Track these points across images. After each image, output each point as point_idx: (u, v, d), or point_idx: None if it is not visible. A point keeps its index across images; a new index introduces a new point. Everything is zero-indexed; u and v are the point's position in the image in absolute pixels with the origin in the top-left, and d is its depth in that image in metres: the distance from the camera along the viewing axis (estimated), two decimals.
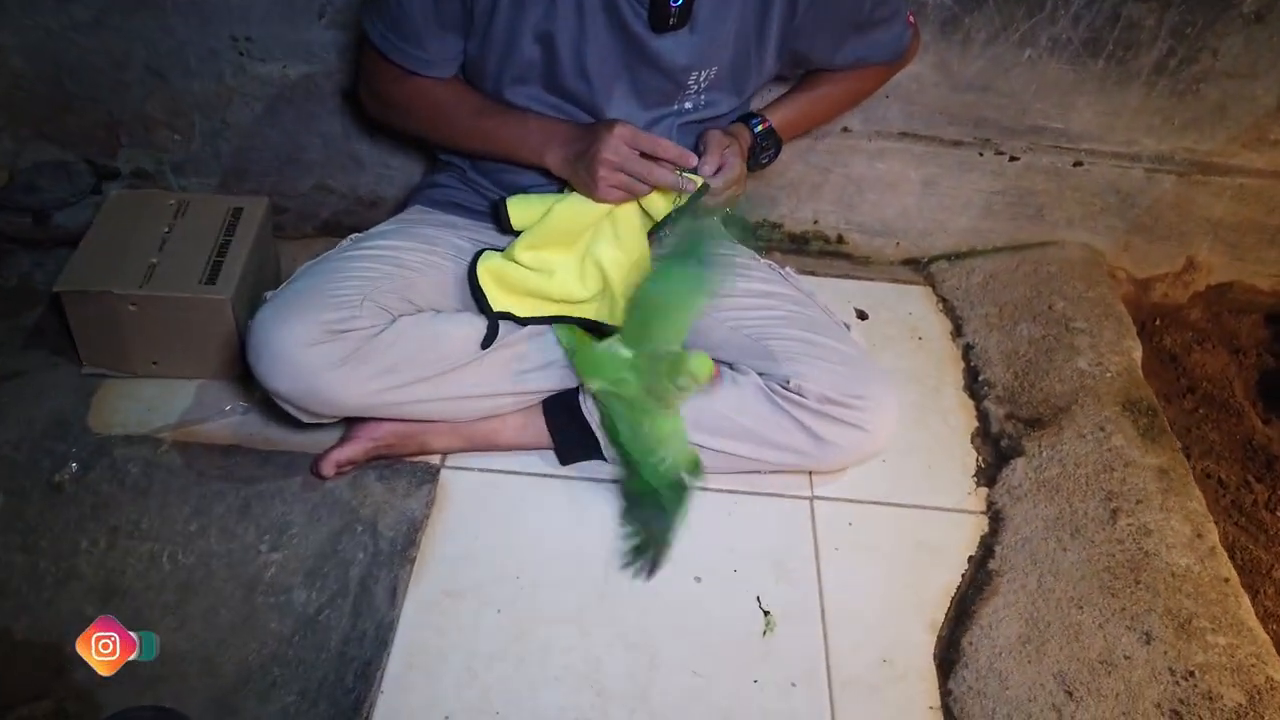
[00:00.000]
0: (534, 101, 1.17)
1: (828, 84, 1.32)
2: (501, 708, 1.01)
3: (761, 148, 1.27)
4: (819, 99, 1.32)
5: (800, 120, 1.33)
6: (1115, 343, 1.43)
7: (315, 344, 1.07)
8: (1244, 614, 1.10)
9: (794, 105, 1.31)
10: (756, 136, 1.26)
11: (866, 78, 1.33)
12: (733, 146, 1.18)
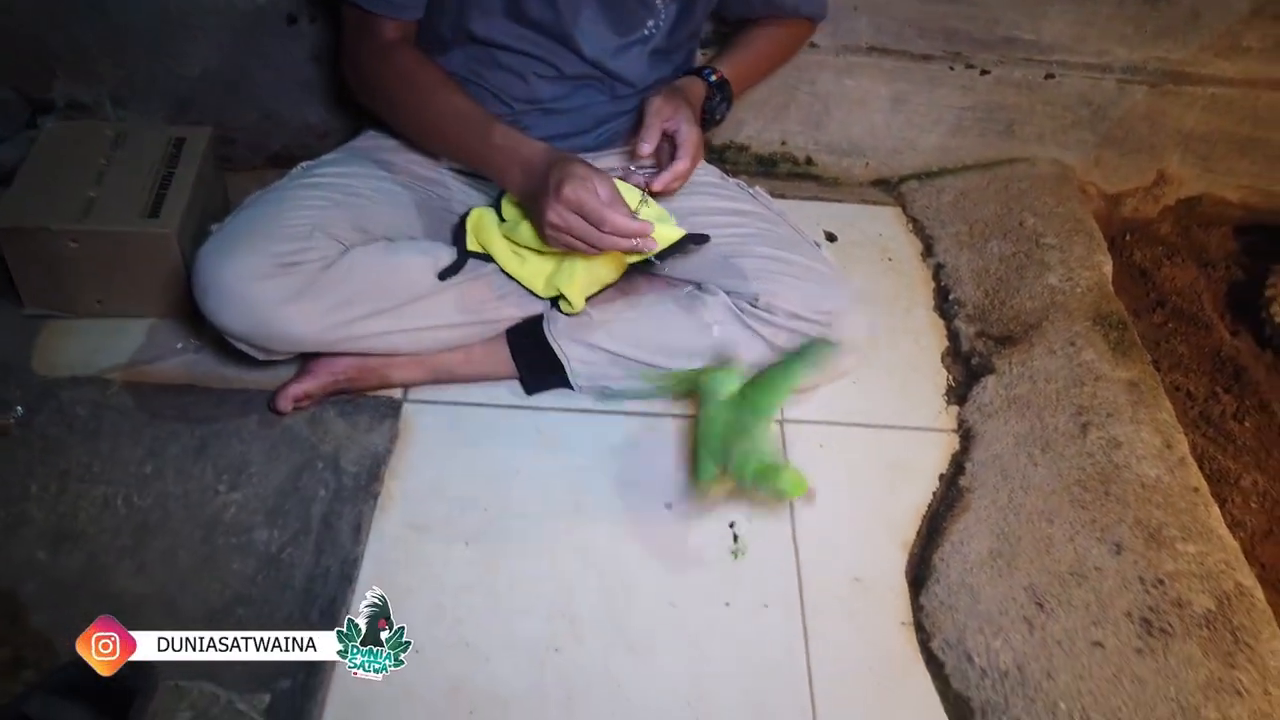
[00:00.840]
0: (501, 33, 1.12)
1: (759, 40, 1.29)
2: (472, 639, 1.00)
3: (716, 100, 1.22)
4: (755, 55, 1.29)
5: (745, 74, 1.29)
6: (1085, 258, 1.42)
7: (264, 278, 1.03)
8: (1213, 522, 1.10)
9: (736, 60, 1.27)
10: (712, 86, 1.21)
11: (785, 37, 1.32)
12: (679, 113, 1.11)
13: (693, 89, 1.20)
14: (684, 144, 1.11)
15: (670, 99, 1.13)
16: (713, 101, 1.22)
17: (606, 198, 0.98)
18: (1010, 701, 0.97)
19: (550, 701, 0.96)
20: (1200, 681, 0.96)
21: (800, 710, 0.97)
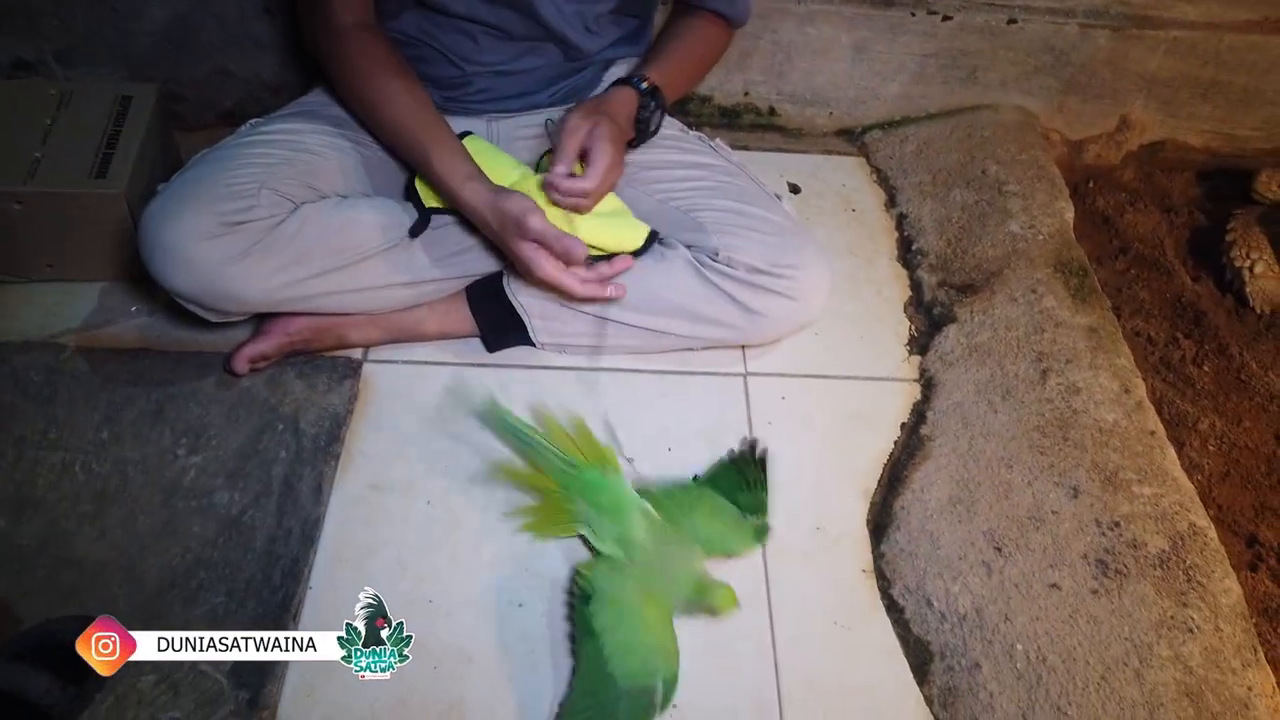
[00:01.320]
0: (461, 3, 1.09)
1: (688, 39, 1.24)
2: (435, 597, 1.00)
3: (650, 109, 1.17)
4: (685, 57, 1.24)
5: (676, 79, 1.22)
6: (1047, 205, 1.42)
7: (210, 237, 1.01)
8: (1169, 464, 1.11)
9: (666, 64, 1.21)
10: (643, 94, 1.16)
11: (712, 36, 1.27)
12: (596, 130, 1.08)
13: (622, 100, 1.15)
14: (594, 164, 1.07)
15: (589, 115, 1.09)
16: (646, 110, 1.16)
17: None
18: (969, 644, 0.98)
19: (514, 656, 0.96)
20: (1154, 620, 0.98)
21: (762, 657, 0.98)
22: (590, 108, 1.12)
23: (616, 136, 1.10)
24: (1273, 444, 1.30)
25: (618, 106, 1.14)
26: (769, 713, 0.95)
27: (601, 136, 1.08)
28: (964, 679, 0.96)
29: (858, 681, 0.97)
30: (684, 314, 1.18)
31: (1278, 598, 1.13)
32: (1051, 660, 0.96)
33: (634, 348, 1.22)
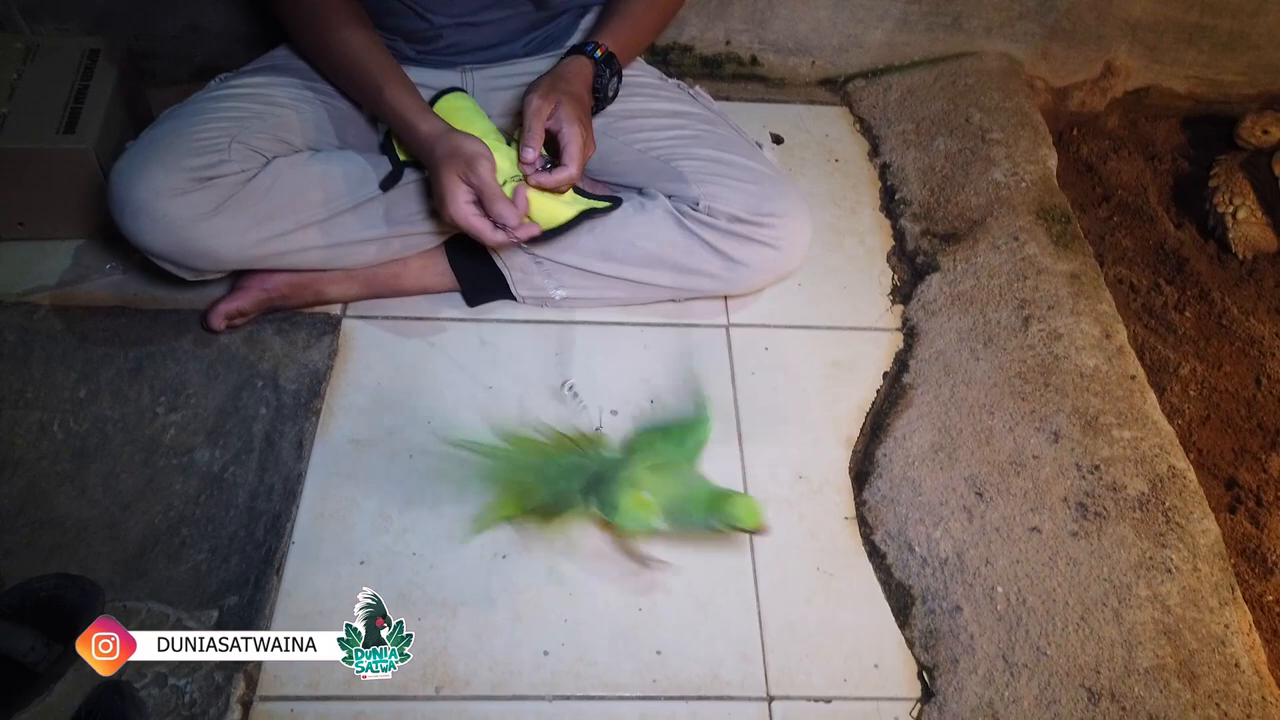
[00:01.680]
0: None
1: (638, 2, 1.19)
2: (419, 549, 1.00)
3: (606, 77, 1.13)
4: (637, 20, 1.18)
5: (630, 42, 1.18)
6: (1031, 152, 1.41)
7: (181, 193, 0.99)
8: (1149, 408, 1.12)
9: (618, 28, 1.16)
10: (599, 63, 1.12)
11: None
12: (560, 110, 1.05)
13: (578, 71, 1.11)
14: (568, 148, 1.04)
15: (550, 95, 1.06)
16: (602, 79, 1.13)
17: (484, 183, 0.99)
18: (949, 587, 0.99)
19: (498, 606, 0.97)
20: (1133, 561, 0.99)
21: (746, 605, 0.99)
22: (548, 86, 1.07)
23: (581, 114, 1.07)
24: (1253, 388, 1.30)
25: (575, 80, 1.10)
26: (753, 658, 0.95)
27: (567, 119, 1.04)
28: (945, 621, 0.97)
29: (840, 626, 0.98)
30: (665, 265, 1.17)
31: (1256, 539, 1.14)
32: (1031, 602, 0.96)
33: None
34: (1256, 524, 1.16)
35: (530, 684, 0.92)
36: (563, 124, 1.04)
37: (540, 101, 1.05)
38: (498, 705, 0.90)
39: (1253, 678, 0.92)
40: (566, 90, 1.07)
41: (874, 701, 0.93)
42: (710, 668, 0.94)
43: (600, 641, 0.95)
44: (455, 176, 0.99)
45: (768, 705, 0.92)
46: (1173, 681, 0.91)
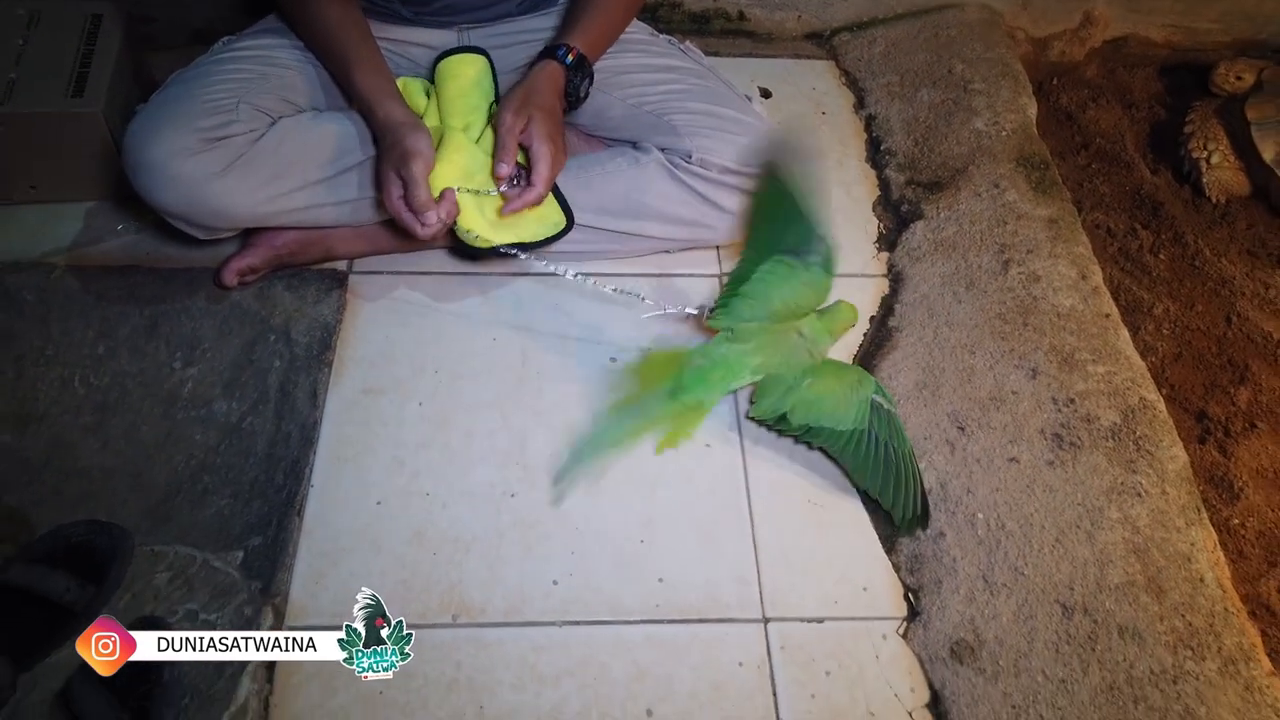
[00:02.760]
0: None
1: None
2: (432, 489, 1.05)
3: (577, 80, 1.16)
4: (606, 13, 1.20)
5: (599, 39, 1.20)
6: (1011, 101, 1.45)
7: (193, 153, 1.03)
8: (1122, 344, 1.17)
9: (588, 26, 1.18)
10: (570, 68, 1.15)
11: None
12: (532, 125, 1.09)
13: (549, 80, 1.14)
14: (536, 166, 1.08)
15: (521, 111, 1.09)
16: (574, 83, 1.16)
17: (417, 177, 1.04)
18: (934, 515, 1.05)
19: (508, 541, 1.02)
20: (1105, 487, 1.05)
21: (742, 533, 1.05)
22: (520, 101, 1.10)
23: (552, 129, 1.10)
24: (1223, 326, 1.36)
25: (546, 91, 1.13)
26: (749, 583, 1.01)
27: (538, 136, 1.08)
28: (929, 547, 1.03)
29: (831, 552, 1.04)
30: (659, 217, 1.22)
31: (1224, 467, 1.21)
32: (1010, 526, 1.03)
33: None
34: (1224, 453, 1.22)
35: (541, 611, 0.98)
36: (533, 142, 1.09)
37: (512, 119, 1.09)
38: (512, 630, 0.96)
39: (1216, 591, 0.98)
40: (538, 105, 1.10)
41: (863, 621, 1.00)
42: (709, 592, 1.00)
43: (606, 570, 1.01)
44: (390, 170, 1.05)
45: (764, 626, 0.99)
46: (1141, 595, 0.97)
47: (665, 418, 1.09)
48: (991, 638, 0.96)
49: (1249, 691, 0.92)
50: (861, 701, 0.94)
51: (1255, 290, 1.40)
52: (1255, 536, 1.15)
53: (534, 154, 1.09)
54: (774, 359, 1.09)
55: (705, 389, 1.09)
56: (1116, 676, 0.93)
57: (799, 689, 0.95)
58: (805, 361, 1.10)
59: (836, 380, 1.08)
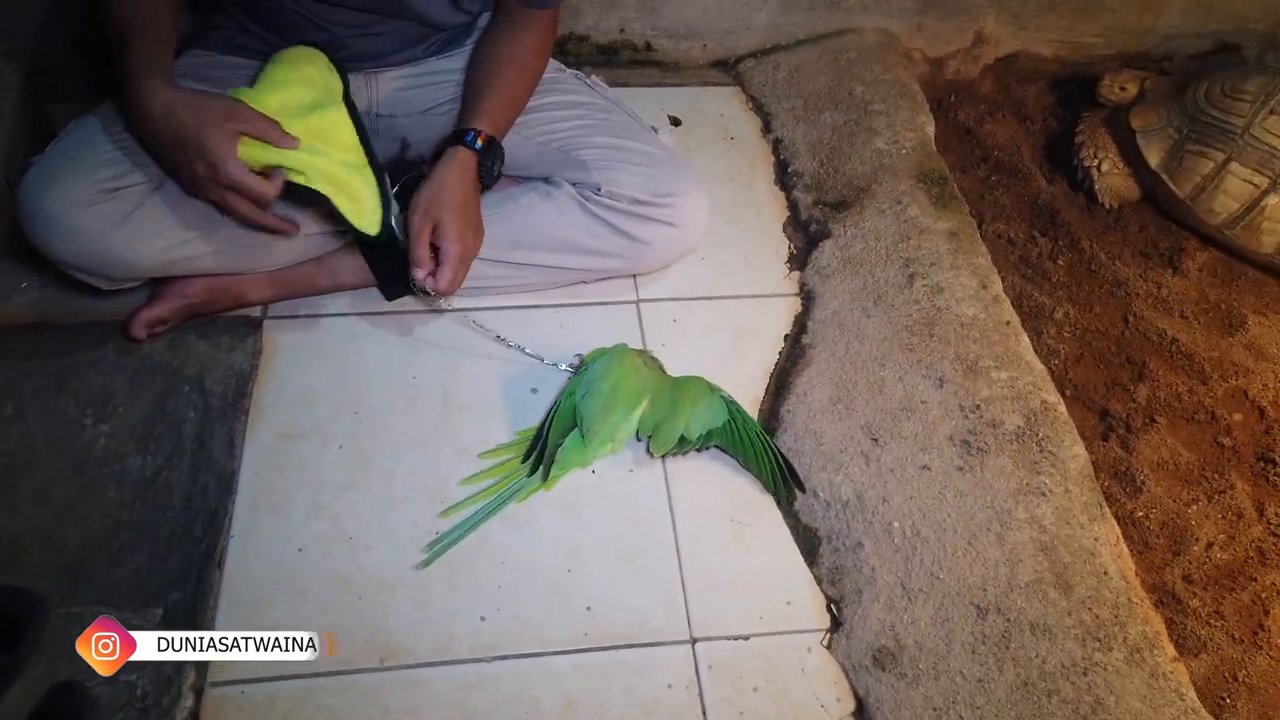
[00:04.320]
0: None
1: (504, 66, 1.20)
2: (354, 533, 1.05)
3: (489, 164, 1.16)
4: (511, 86, 1.21)
5: (507, 112, 1.20)
6: (910, 120, 1.50)
7: (90, 204, 1.02)
8: (1023, 350, 1.22)
9: (494, 103, 1.18)
10: (480, 153, 1.15)
11: (528, 38, 1.21)
12: (441, 229, 1.10)
13: (458, 172, 1.14)
14: (443, 269, 1.11)
15: (428, 215, 1.10)
16: (485, 165, 1.16)
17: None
18: (851, 526, 1.08)
19: (434, 579, 1.02)
20: (1012, 488, 1.09)
21: (666, 556, 1.06)
22: (427, 203, 1.11)
23: (461, 227, 1.11)
24: (1121, 325, 1.42)
25: (455, 184, 1.13)
26: (676, 605, 1.03)
27: (446, 239, 1.10)
28: (849, 557, 1.06)
29: (755, 569, 1.06)
30: (574, 249, 1.24)
31: (1127, 462, 1.26)
32: (925, 533, 1.06)
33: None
34: (1127, 448, 1.27)
35: (470, 648, 0.98)
36: (442, 243, 1.11)
37: (420, 223, 1.11)
38: (441, 670, 0.96)
39: (1120, 583, 1.02)
40: (446, 204, 1.11)
41: (788, 635, 1.02)
42: (638, 617, 1.01)
43: (534, 603, 1.01)
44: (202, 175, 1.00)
45: (691, 647, 1.00)
46: (1050, 592, 1.01)
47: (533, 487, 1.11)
48: (911, 643, 0.99)
49: (1154, 678, 0.96)
50: (789, 715, 0.96)
51: (1149, 290, 1.47)
52: (1159, 527, 1.20)
53: (442, 254, 1.11)
54: (641, 403, 1.14)
55: (578, 458, 1.13)
56: (1030, 672, 0.96)
57: (728, 707, 0.96)
58: (663, 382, 1.16)
59: (694, 386, 1.15)
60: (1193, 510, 1.22)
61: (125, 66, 1.02)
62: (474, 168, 1.15)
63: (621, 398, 1.12)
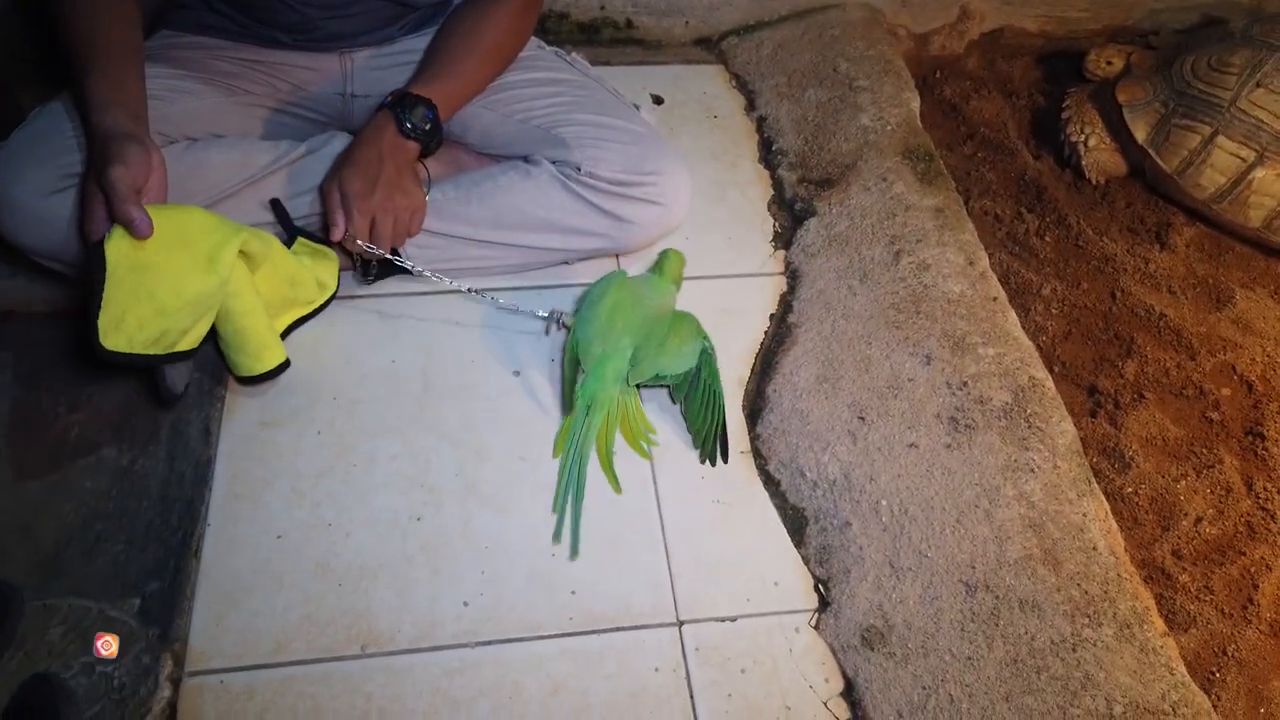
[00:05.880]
0: None
1: (457, 31, 1.18)
2: (334, 519, 1.03)
3: (403, 113, 1.11)
4: (453, 48, 1.18)
5: (450, 74, 1.16)
6: (894, 96, 1.48)
7: (56, 191, 1.00)
8: (1010, 326, 1.21)
9: (433, 65, 1.16)
10: (390, 108, 1.12)
11: (489, 12, 1.19)
12: (340, 186, 1.09)
13: (372, 128, 1.12)
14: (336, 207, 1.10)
15: (331, 176, 1.11)
16: (401, 117, 1.12)
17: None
18: (839, 505, 1.07)
19: (416, 565, 1.01)
20: (1000, 465, 1.08)
21: (652, 539, 1.05)
22: (333, 168, 1.12)
23: (360, 185, 1.09)
24: (1109, 302, 1.41)
25: (362, 142, 1.12)
26: (662, 589, 1.02)
27: (345, 194, 1.10)
28: (836, 537, 1.05)
29: (741, 551, 1.05)
30: (556, 228, 1.22)
31: (1115, 438, 1.25)
32: (912, 511, 1.05)
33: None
34: (1115, 425, 1.27)
35: (453, 634, 0.96)
36: (339, 194, 1.10)
37: (326, 186, 1.12)
38: (423, 656, 0.95)
39: (1109, 559, 1.01)
40: (348, 160, 1.11)
41: (776, 616, 1.01)
42: (623, 600, 1.00)
43: (517, 588, 1.00)
44: (91, 183, 0.93)
45: (678, 629, 0.99)
46: (1039, 569, 1.00)
47: (596, 431, 1.11)
48: (900, 622, 0.98)
49: (1144, 653, 0.95)
50: (778, 696, 0.95)
51: (1136, 266, 1.45)
52: (1148, 503, 1.20)
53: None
54: (643, 330, 1.15)
55: (601, 385, 1.12)
56: (1019, 649, 0.95)
57: (716, 689, 0.95)
58: (666, 314, 1.18)
59: (687, 326, 1.17)
60: (1181, 486, 1.21)
61: (85, 89, 0.98)
62: (390, 126, 1.11)
63: (617, 323, 1.14)
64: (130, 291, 0.93)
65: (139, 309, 0.94)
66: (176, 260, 0.95)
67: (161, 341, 0.97)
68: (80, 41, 1.01)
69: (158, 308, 0.94)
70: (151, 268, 0.94)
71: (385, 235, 1.12)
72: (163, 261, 0.94)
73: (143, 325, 0.94)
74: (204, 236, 0.97)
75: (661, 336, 1.15)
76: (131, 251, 0.93)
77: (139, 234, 0.91)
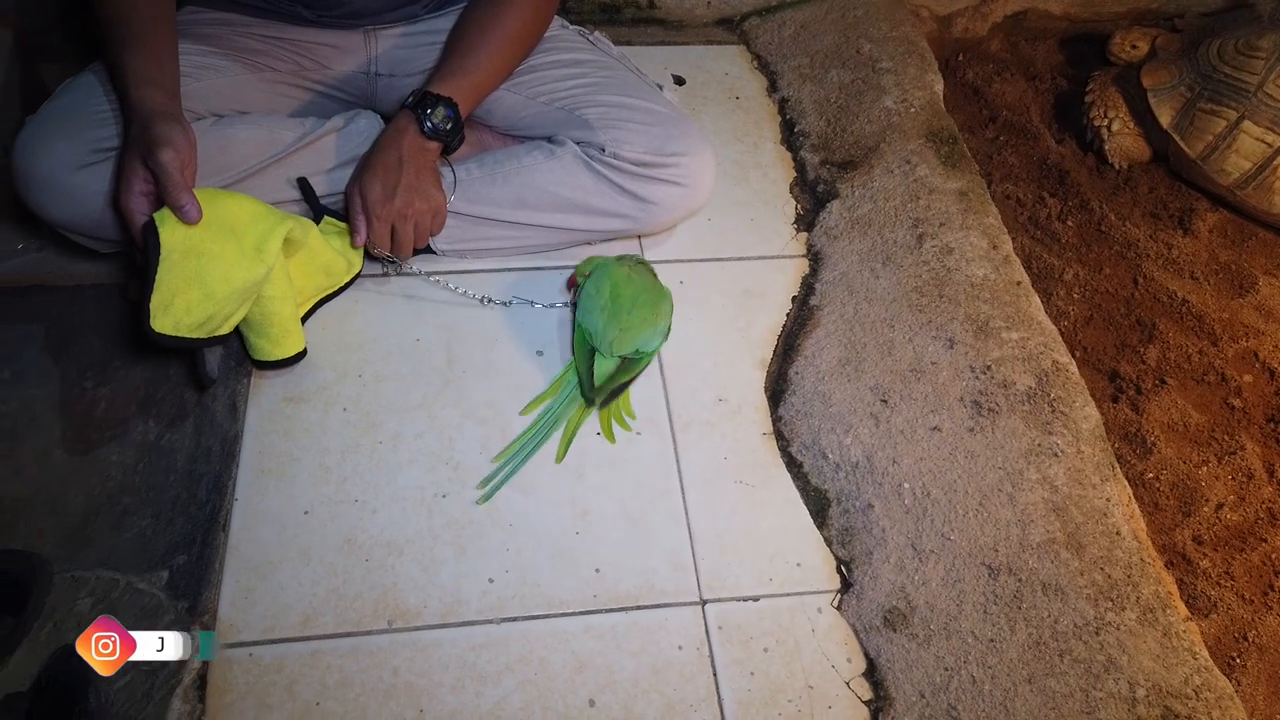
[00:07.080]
0: None
1: (475, 19, 1.16)
2: (360, 495, 1.04)
3: (423, 112, 1.10)
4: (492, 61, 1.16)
5: (471, 67, 1.14)
6: (918, 78, 1.48)
7: (84, 165, 1.00)
8: (1034, 310, 1.21)
9: (454, 58, 1.14)
10: (411, 109, 1.11)
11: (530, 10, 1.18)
12: (360, 193, 1.09)
13: (394, 130, 1.12)
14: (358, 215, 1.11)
15: (354, 180, 1.11)
16: (422, 116, 1.10)
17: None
18: (861, 488, 1.07)
19: (441, 542, 1.01)
20: (1023, 449, 1.08)
21: (675, 518, 1.05)
22: (355, 171, 1.13)
23: (374, 184, 1.09)
24: (1130, 287, 1.41)
25: (389, 146, 1.11)
26: (685, 568, 1.02)
27: (367, 201, 1.10)
28: (859, 519, 1.05)
29: (764, 531, 1.06)
30: (579, 209, 1.22)
31: (1137, 423, 1.25)
32: (935, 494, 1.05)
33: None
34: (1137, 410, 1.27)
35: (478, 610, 0.97)
36: (360, 202, 1.11)
37: (350, 190, 1.12)
38: (449, 632, 0.96)
39: (1132, 543, 1.02)
40: (368, 165, 1.11)
41: (798, 596, 1.01)
42: (646, 579, 1.01)
43: (542, 565, 1.01)
44: (134, 160, 0.94)
45: (701, 608, 0.99)
46: (1062, 552, 1.00)
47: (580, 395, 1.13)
48: (922, 603, 0.99)
49: (1167, 637, 0.95)
50: (800, 675, 0.96)
51: (1159, 251, 1.45)
52: (1169, 488, 1.20)
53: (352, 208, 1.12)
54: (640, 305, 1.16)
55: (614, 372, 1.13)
56: (1042, 632, 0.95)
57: (738, 668, 0.96)
58: (649, 289, 1.18)
59: (667, 304, 1.19)
60: (1203, 471, 1.21)
61: (122, 66, 0.99)
62: (411, 127, 1.11)
63: (623, 303, 1.14)
64: (182, 275, 0.95)
65: (188, 293, 0.95)
66: (226, 248, 0.96)
67: (206, 326, 0.98)
68: (116, 16, 1.01)
69: (206, 293, 0.95)
70: (203, 253, 0.95)
71: (404, 242, 1.13)
72: (214, 248, 0.96)
73: (190, 309, 0.96)
74: (252, 225, 0.98)
75: (650, 310, 1.16)
76: (185, 236, 0.94)
77: (188, 219, 0.92)
